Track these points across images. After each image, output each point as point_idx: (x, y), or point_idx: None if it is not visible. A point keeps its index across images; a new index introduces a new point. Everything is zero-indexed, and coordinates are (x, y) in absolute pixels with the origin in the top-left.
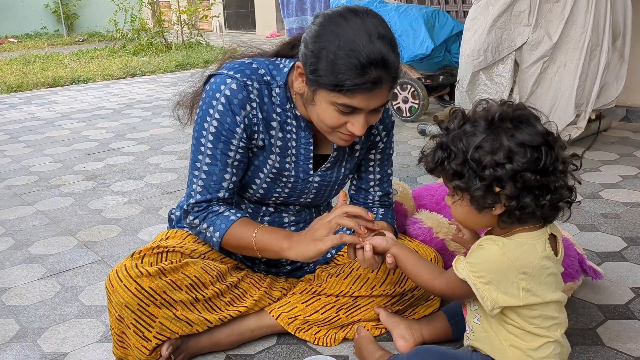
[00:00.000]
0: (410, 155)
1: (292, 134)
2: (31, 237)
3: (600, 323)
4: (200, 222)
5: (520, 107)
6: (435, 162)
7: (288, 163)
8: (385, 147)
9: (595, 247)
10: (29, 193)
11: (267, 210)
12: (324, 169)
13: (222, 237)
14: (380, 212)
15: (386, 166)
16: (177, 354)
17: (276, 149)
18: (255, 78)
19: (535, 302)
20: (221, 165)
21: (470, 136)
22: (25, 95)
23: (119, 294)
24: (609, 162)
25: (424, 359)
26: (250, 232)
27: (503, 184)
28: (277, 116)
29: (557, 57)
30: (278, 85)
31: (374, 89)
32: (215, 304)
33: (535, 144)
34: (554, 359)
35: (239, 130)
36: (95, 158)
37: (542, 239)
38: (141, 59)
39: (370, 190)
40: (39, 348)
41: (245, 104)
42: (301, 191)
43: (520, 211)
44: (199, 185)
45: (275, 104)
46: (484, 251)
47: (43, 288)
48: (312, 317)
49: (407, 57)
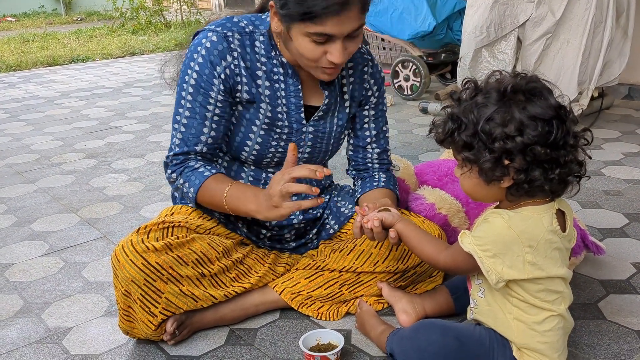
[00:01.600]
0: (412, 133)
1: (280, 83)
2: (33, 214)
3: (602, 297)
4: (177, 176)
5: (533, 79)
6: (445, 133)
7: (280, 113)
8: (378, 102)
9: (597, 223)
10: (30, 171)
11: (267, 177)
12: (317, 119)
13: (196, 193)
14: (382, 178)
15: (381, 122)
16: (181, 329)
17: (265, 98)
18: (236, 29)
19: (540, 275)
20: (200, 118)
21: (481, 107)
22: (24, 74)
23: (125, 269)
24: (611, 139)
25: (426, 332)
26: (221, 191)
27: (512, 156)
28: (262, 65)
29: (560, 33)
30: (262, 34)
31: (342, 11)
32: (220, 279)
33: (546, 117)
34: (557, 332)
35: (217, 82)
36: (96, 136)
37: (549, 213)
38: (140, 38)
39: (368, 148)
40: (43, 322)
41: (226, 55)
42: (297, 144)
43: (529, 184)
44: (178, 138)
45: (259, 54)
46: (489, 224)
47: (46, 264)
48: (315, 293)
49: (409, 34)
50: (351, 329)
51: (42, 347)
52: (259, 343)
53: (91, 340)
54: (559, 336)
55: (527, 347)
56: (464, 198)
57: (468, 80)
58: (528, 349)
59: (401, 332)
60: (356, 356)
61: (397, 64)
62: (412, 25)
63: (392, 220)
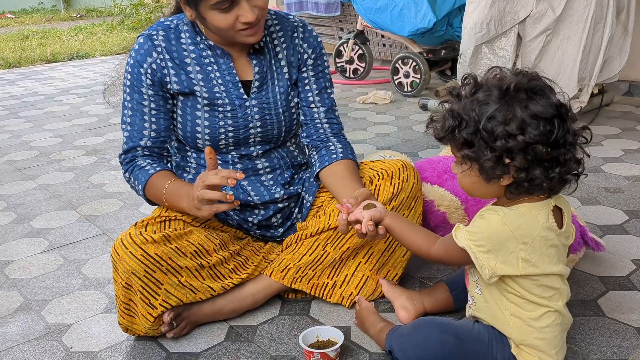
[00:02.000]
0: (412, 130)
1: (211, 65)
2: (33, 211)
3: (602, 294)
4: (129, 175)
5: (534, 77)
6: (445, 130)
7: (218, 93)
8: (316, 63)
9: (597, 220)
10: (30, 168)
11: (233, 157)
12: (255, 90)
13: (143, 189)
14: (339, 148)
15: (322, 82)
16: (178, 320)
17: (199, 82)
18: (160, 28)
19: (533, 272)
20: (139, 114)
21: (483, 105)
22: (24, 71)
23: (125, 261)
24: (611, 136)
25: (425, 329)
26: (162, 188)
27: (513, 155)
28: (190, 53)
29: (560, 30)
30: (185, 24)
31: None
32: (219, 270)
33: (548, 116)
34: (555, 328)
35: (144, 78)
36: (96, 133)
37: (545, 210)
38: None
39: (312, 107)
40: (43, 319)
41: (151, 52)
42: (245, 120)
43: (529, 183)
44: (125, 136)
45: (185, 43)
46: (484, 220)
47: (46, 261)
48: (302, 261)
49: (409, 30)
50: (350, 326)
51: (42, 343)
52: (259, 340)
53: (91, 337)
54: (556, 332)
55: (525, 343)
56: (463, 195)
57: (467, 76)
58: (526, 345)
59: (400, 329)
60: (355, 353)
61: (397, 61)
62: (412, 21)
63: (380, 216)
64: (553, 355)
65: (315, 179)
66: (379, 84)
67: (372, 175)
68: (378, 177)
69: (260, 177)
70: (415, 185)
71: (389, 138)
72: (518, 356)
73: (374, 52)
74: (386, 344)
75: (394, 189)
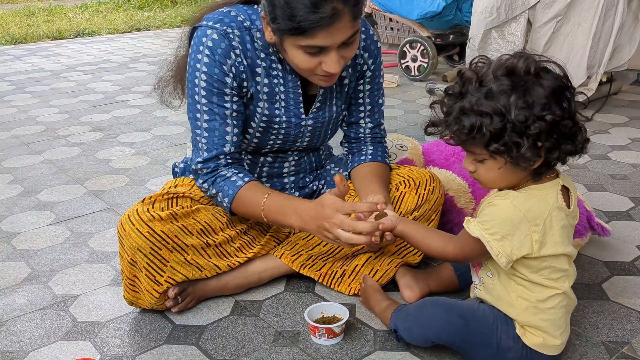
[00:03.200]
0: (418, 113)
1: (278, 79)
2: (40, 185)
3: (606, 279)
4: (209, 186)
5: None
6: (469, 130)
7: (278, 109)
8: (374, 75)
9: (603, 206)
10: (37, 142)
11: (265, 160)
12: (315, 110)
13: (230, 204)
14: (369, 150)
15: (376, 96)
16: (184, 295)
17: (263, 95)
18: (235, 25)
19: (546, 253)
20: (220, 119)
21: (502, 95)
22: (30, 47)
23: (131, 237)
24: (618, 124)
25: (431, 309)
26: (258, 204)
27: (544, 137)
28: (261, 62)
29: (571, 16)
30: (258, 30)
31: (332, 23)
32: (225, 249)
33: (561, 89)
34: (560, 310)
35: (229, 79)
36: (102, 110)
37: (554, 190)
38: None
39: (361, 123)
40: (50, 290)
41: (230, 53)
42: (296, 136)
43: (560, 159)
44: (203, 143)
45: (258, 49)
46: (494, 207)
47: (53, 233)
48: (315, 251)
49: (418, 14)
50: (355, 303)
51: (50, 313)
52: (264, 314)
53: (97, 308)
54: (561, 314)
55: (529, 324)
56: (471, 178)
57: (462, 72)
58: (531, 327)
59: (406, 308)
60: (360, 330)
61: (405, 45)
62: (421, 5)
63: (391, 225)
64: (557, 336)
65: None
66: (386, 67)
67: (398, 182)
68: (404, 184)
69: (283, 178)
70: (439, 199)
71: (395, 122)
72: (523, 337)
73: (382, 35)
74: (391, 323)
75: (419, 199)
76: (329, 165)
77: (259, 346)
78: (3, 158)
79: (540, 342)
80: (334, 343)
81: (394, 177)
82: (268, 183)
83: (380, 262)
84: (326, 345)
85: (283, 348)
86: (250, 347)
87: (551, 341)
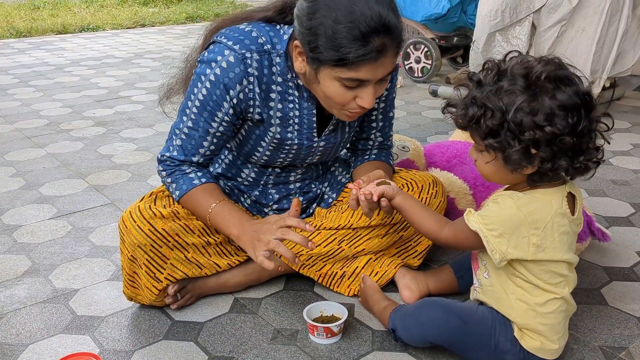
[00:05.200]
0: (421, 115)
1: (294, 104)
2: (42, 179)
3: (605, 284)
4: (166, 175)
5: (560, 64)
6: (469, 119)
7: (290, 132)
8: (389, 93)
9: (604, 211)
10: (39, 136)
11: (273, 171)
12: (327, 133)
13: (180, 197)
14: (374, 152)
15: (389, 112)
16: (183, 293)
17: (276, 120)
18: (254, 48)
19: (543, 258)
20: (202, 132)
21: (509, 95)
22: (34, 41)
23: (132, 234)
24: (620, 130)
25: (429, 310)
26: (207, 206)
27: (540, 146)
28: (277, 86)
29: (575, 21)
30: (278, 55)
31: (379, 57)
32: (226, 248)
33: (575, 105)
34: (559, 315)
35: (227, 105)
36: (105, 105)
37: (560, 196)
38: (151, 10)
39: (371, 136)
40: (50, 283)
41: (242, 79)
42: (306, 155)
43: (554, 172)
44: (177, 144)
45: (276, 74)
46: (498, 205)
47: (54, 227)
48: (315, 251)
49: (422, 16)
50: (354, 303)
51: (49, 306)
52: (263, 312)
53: (97, 302)
54: (560, 319)
55: (528, 327)
56: (472, 181)
57: (490, 61)
58: (529, 330)
59: (404, 308)
60: (359, 329)
61: (409, 46)
62: (425, 7)
63: (391, 193)
64: (555, 340)
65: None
66: None
67: (401, 185)
68: (407, 187)
69: (289, 185)
70: (442, 204)
71: (397, 123)
72: (521, 340)
73: None
74: (389, 323)
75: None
76: (333, 167)
77: (257, 344)
78: (6, 151)
79: (538, 345)
80: (332, 342)
81: (397, 179)
82: (274, 189)
83: (380, 263)
84: (324, 344)
85: (281, 346)
86: (249, 345)
87: (549, 345)
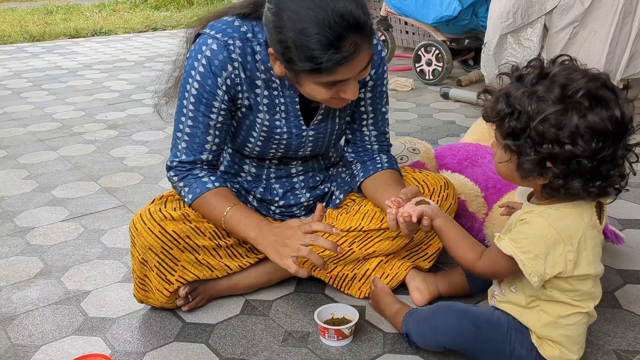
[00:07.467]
0: (432, 117)
1: (278, 91)
2: (54, 181)
3: (619, 287)
4: (178, 180)
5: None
6: (496, 114)
7: (278, 120)
8: (376, 84)
9: (617, 214)
10: (52, 139)
11: (271, 163)
12: (316, 122)
13: (192, 201)
14: (384, 159)
15: (379, 104)
16: (194, 295)
17: (263, 107)
18: (237, 36)
19: (581, 272)
20: (203, 127)
21: (541, 101)
22: (47, 45)
23: (142, 237)
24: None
25: (444, 315)
26: (221, 209)
27: (556, 161)
28: (261, 74)
29: (588, 22)
30: (259, 43)
31: (354, 58)
32: (237, 250)
33: (604, 131)
34: (580, 327)
35: (220, 92)
36: (117, 108)
37: (590, 208)
38: (162, 14)
39: (364, 130)
40: (62, 285)
41: (227, 65)
42: (297, 146)
43: (565, 190)
44: (182, 146)
45: (259, 62)
46: (529, 225)
47: (66, 229)
48: (326, 253)
49: (433, 18)
50: (365, 305)
51: (61, 308)
52: (274, 314)
53: (109, 304)
54: (581, 330)
55: (548, 338)
56: (483, 183)
57: (537, 59)
58: (549, 340)
59: (418, 312)
60: (370, 332)
61: (420, 48)
62: (437, 9)
63: (432, 214)
64: (575, 351)
65: (357, 190)
66: (400, 71)
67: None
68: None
69: (292, 178)
70: (452, 206)
71: (408, 125)
72: (539, 347)
73: (397, 39)
74: (402, 327)
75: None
76: (341, 168)
77: (268, 346)
78: (19, 154)
79: (557, 354)
80: (343, 344)
81: (410, 181)
82: (277, 184)
83: (391, 266)
84: (335, 346)
85: (292, 348)
86: (260, 347)
87: (568, 355)
